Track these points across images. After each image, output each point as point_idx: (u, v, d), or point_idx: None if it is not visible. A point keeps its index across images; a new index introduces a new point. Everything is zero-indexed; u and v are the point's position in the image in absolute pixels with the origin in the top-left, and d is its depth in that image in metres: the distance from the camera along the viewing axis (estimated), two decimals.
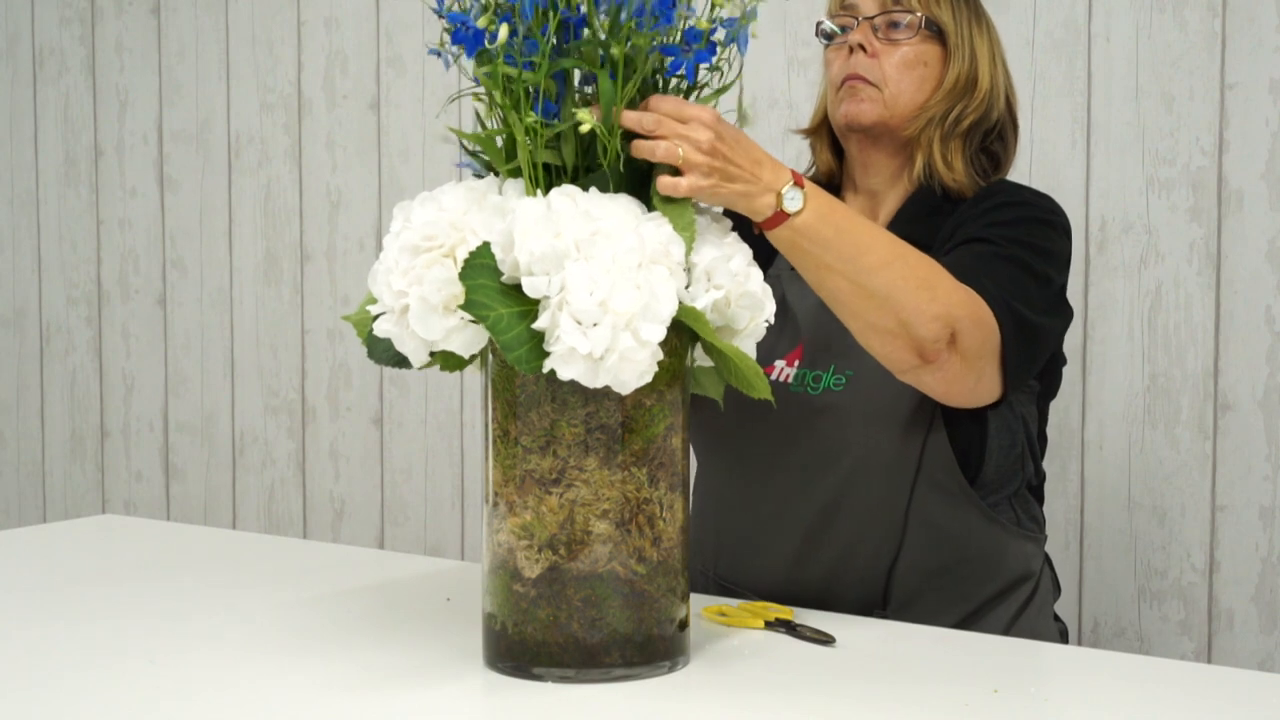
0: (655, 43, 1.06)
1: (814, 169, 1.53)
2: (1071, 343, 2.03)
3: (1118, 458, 2.02)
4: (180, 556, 1.54)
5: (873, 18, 1.41)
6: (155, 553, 1.57)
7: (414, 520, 2.70)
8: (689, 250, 1.04)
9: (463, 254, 1.01)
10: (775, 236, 1.16)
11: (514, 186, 1.07)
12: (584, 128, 1.03)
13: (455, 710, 1.00)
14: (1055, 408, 2.05)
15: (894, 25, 1.41)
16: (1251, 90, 1.92)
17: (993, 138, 1.46)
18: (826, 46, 1.46)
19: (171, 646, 1.14)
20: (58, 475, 3.16)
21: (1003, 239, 1.34)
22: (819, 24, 1.46)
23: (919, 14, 1.40)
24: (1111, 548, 2.03)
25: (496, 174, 1.10)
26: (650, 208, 1.06)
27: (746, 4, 1.08)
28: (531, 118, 1.03)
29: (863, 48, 1.40)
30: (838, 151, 1.51)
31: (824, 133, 1.51)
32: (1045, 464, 2.05)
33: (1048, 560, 1.48)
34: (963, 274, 1.26)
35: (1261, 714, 0.99)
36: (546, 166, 1.07)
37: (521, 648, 1.04)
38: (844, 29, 1.43)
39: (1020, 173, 2.05)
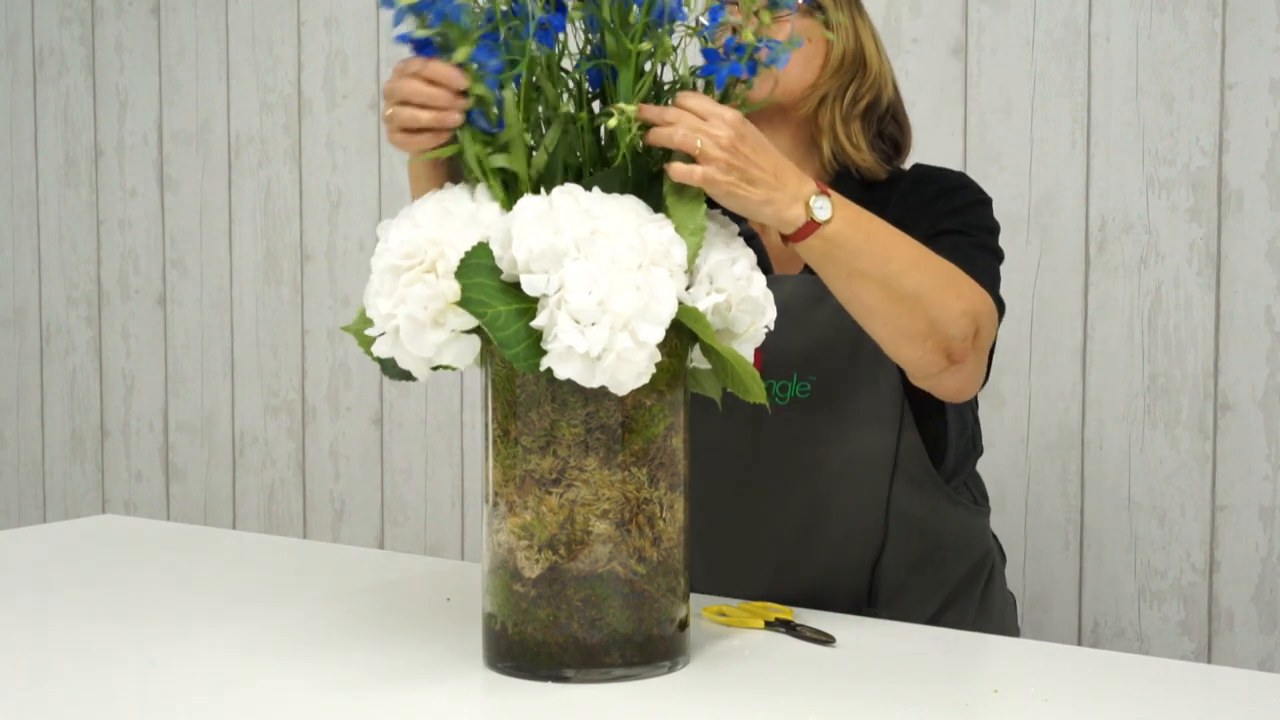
0: (681, 44, 1.07)
1: None
2: (1071, 343, 2.03)
3: (1118, 458, 2.02)
4: (180, 556, 1.54)
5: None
6: (155, 553, 1.57)
7: (414, 520, 2.70)
8: (695, 254, 1.04)
9: (443, 267, 1.01)
10: (806, 248, 1.15)
11: (485, 193, 1.07)
12: (611, 122, 1.04)
13: (455, 710, 1.00)
14: (1055, 408, 2.05)
15: (773, 5, 1.41)
16: (1251, 90, 1.92)
17: (886, 121, 1.46)
18: None
19: (171, 647, 1.14)
20: (58, 475, 3.16)
21: (969, 227, 1.35)
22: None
23: None
24: (1111, 548, 2.03)
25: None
26: (656, 209, 1.06)
27: (792, 31, 1.10)
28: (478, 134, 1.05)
29: None
30: None
31: None
32: (1045, 464, 2.06)
33: (992, 532, 1.51)
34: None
35: (1261, 714, 0.99)
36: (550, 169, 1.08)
37: (521, 648, 1.04)
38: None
39: (1020, 172, 2.05)
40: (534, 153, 1.08)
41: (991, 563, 1.46)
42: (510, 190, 1.07)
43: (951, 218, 1.35)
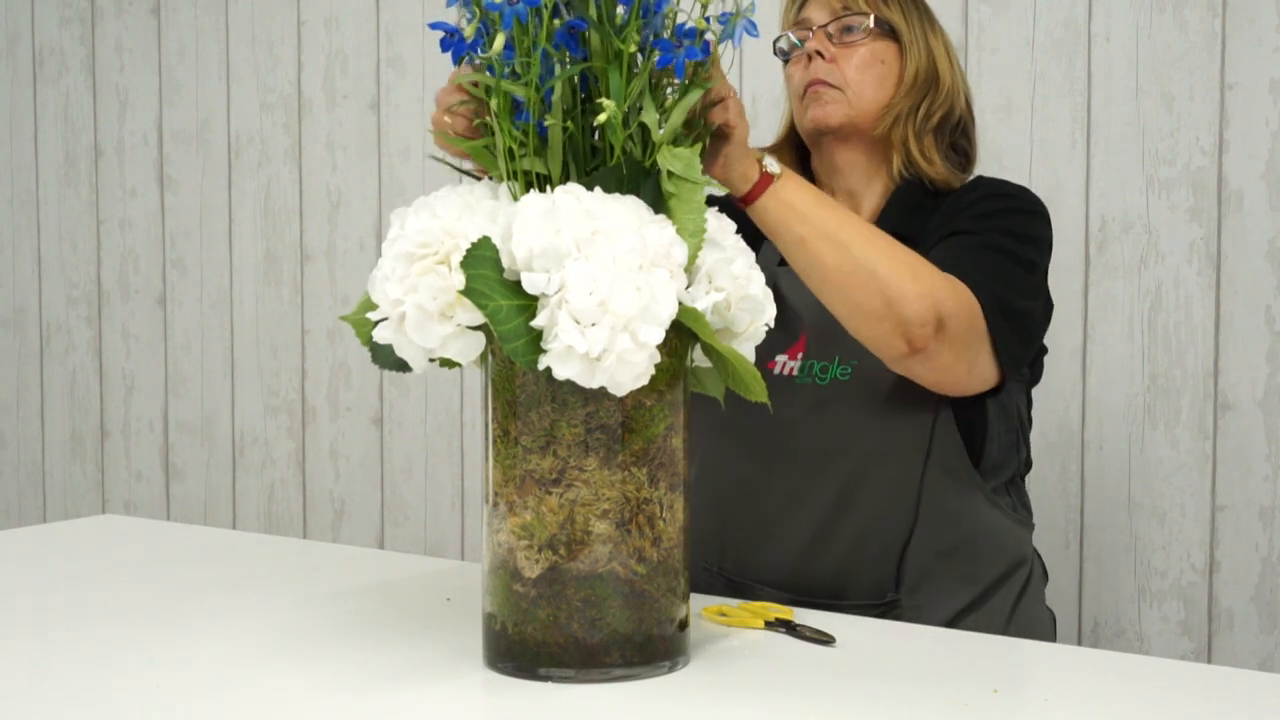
0: (650, 37, 1.07)
1: None
2: (1071, 343, 2.03)
3: (1118, 458, 2.02)
4: (180, 556, 1.54)
5: (826, 25, 1.45)
6: (155, 553, 1.57)
7: (414, 520, 2.70)
8: (695, 255, 1.04)
9: (457, 260, 1.01)
10: (762, 209, 1.20)
11: (507, 190, 1.07)
12: (600, 118, 1.04)
13: (455, 710, 1.00)
14: (1055, 408, 2.05)
15: (847, 30, 1.45)
16: (1251, 90, 1.92)
17: (958, 134, 1.49)
18: (785, 63, 1.50)
19: (171, 646, 1.14)
20: (58, 475, 3.16)
21: (987, 229, 1.37)
22: (775, 42, 1.50)
23: (870, 15, 1.44)
24: (1111, 548, 2.03)
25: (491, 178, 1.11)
26: (649, 204, 1.06)
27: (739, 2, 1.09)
28: (514, 132, 1.04)
29: (820, 54, 1.44)
30: (803, 164, 1.54)
31: (788, 146, 1.55)
32: (1045, 464, 2.06)
33: (1035, 548, 1.52)
34: (947, 264, 1.29)
35: (1261, 714, 0.99)
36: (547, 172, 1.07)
37: (521, 648, 1.04)
38: (801, 42, 1.47)
39: (1020, 172, 2.05)
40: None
41: (1029, 574, 1.46)
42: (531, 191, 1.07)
43: (976, 220, 1.38)
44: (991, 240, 1.35)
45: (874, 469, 1.38)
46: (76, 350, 3.11)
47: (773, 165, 1.20)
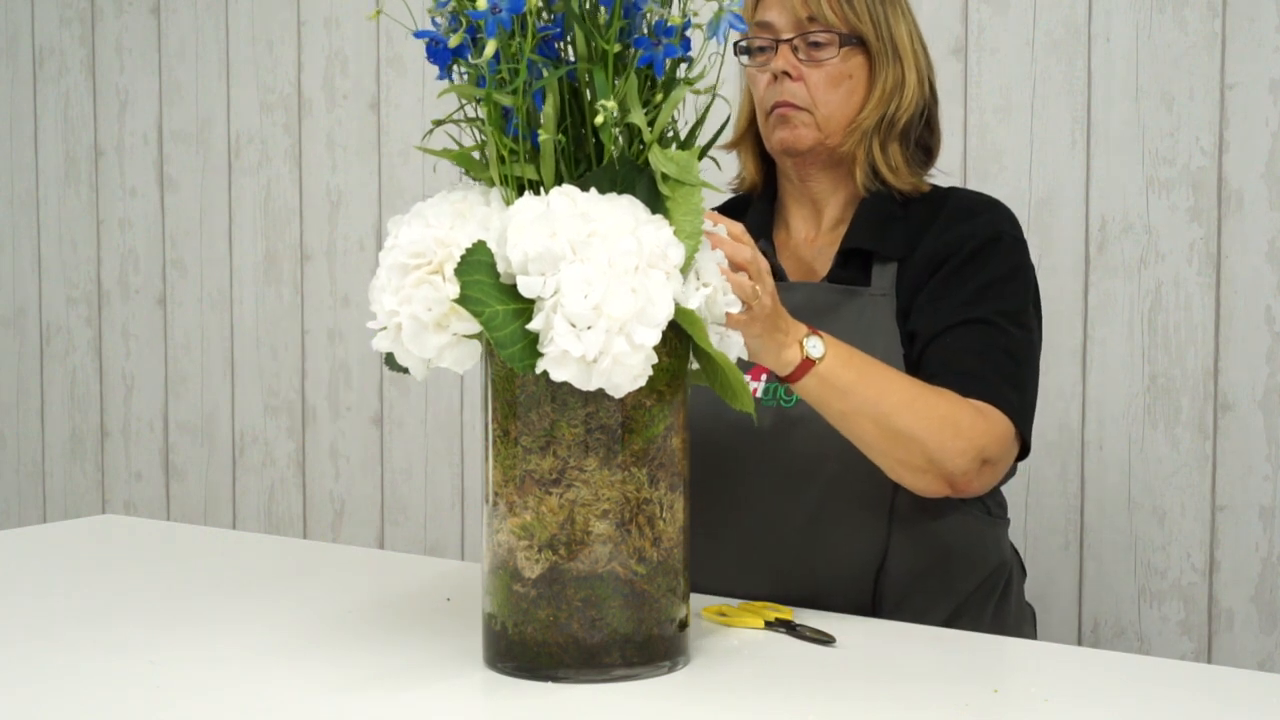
0: (631, 35, 1.06)
1: (740, 178, 1.54)
2: (1071, 343, 2.03)
3: (1118, 458, 2.02)
4: (180, 556, 1.54)
5: (791, 39, 1.40)
6: (155, 553, 1.57)
7: (414, 520, 2.70)
8: (692, 257, 1.04)
9: (450, 270, 1.01)
10: (803, 388, 1.21)
11: (499, 196, 1.07)
12: (598, 119, 1.03)
13: (455, 710, 1.00)
14: (1055, 408, 2.05)
15: (815, 45, 1.40)
16: (1251, 90, 1.92)
17: (921, 128, 1.46)
18: (746, 65, 1.46)
19: (171, 647, 1.14)
20: (58, 475, 3.16)
21: (993, 313, 1.35)
22: (736, 43, 1.45)
23: (838, 32, 1.39)
24: (1111, 548, 2.03)
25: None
26: (652, 208, 1.06)
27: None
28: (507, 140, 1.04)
29: (788, 74, 1.40)
30: (762, 160, 1.51)
31: (749, 144, 1.51)
32: (1045, 464, 2.06)
33: (1011, 543, 1.51)
34: (963, 373, 1.30)
35: (1261, 714, 0.99)
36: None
37: (521, 648, 1.04)
38: (763, 49, 1.42)
39: (1020, 172, 2.05)
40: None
41: (1008, 575, 1.45)
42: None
43: (972, 303, 1.35)
44: (997, 334, 1.34)
45: (844, 491, 1.36)
46: (76, 350, 3.11)
47: (814, 348, 1.20)
